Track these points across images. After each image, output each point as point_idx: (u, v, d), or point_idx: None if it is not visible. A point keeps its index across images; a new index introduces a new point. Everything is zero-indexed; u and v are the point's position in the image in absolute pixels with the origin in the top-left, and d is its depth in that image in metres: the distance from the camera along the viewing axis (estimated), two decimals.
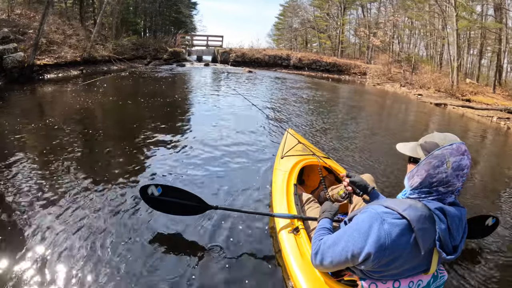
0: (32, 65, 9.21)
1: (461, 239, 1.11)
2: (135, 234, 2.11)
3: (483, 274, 2.02)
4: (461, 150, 1.07)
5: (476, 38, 16.97)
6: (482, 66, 18.35)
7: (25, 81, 8.55)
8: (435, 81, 14.49)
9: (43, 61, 9.93)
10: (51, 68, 10.10)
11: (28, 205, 2.39)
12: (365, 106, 9.62)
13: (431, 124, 7.99)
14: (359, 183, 1.59)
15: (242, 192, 2.81)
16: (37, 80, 9.06)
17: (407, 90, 14.62)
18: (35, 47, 9.36)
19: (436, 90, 13.79)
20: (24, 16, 11.63)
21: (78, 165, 3.20)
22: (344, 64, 19.85)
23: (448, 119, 9.10)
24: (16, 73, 8.66)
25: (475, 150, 5.48)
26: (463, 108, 10.61)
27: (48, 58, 10.33)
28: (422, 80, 15.25)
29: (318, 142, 4.65)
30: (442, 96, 12.83)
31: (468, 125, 8.25)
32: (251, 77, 13.57)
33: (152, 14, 22.90)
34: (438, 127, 7.55)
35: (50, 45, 10.87)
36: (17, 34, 10.04)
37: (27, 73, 8.96)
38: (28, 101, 6.58)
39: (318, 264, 1.27)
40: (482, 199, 3.31)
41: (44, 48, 10.49)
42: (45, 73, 9.77)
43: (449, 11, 14.95)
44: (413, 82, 15.57)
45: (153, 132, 4.45)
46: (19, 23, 10.73)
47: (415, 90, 14.40)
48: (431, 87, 14.19)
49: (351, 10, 27.32)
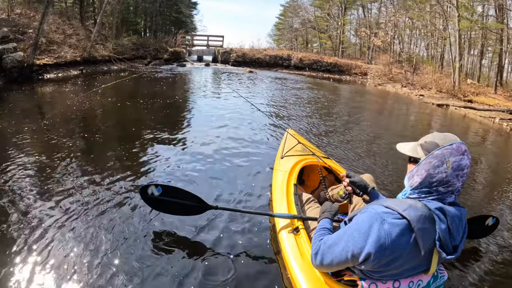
0: (32, 65, 9.16)
1: (461, 239, 1.11)
2: (135, 234, 2.10)
3: (483, 274, 2.01)
4: (461, 150, 1.07)
5: (476, 38, 16.90)
6: (483, 67, 18.30)
7: (25, 81, 8.50)
8: (436, 81, 14.42)
9: (42, 61, 9.88)
10: (50, 68, 10.05)
11: (27, 204, 2.38)
12: (367, 107, 9.56)
13: (433, 124, 7.93)
14: (359, 183, 1.58)
15: (242, 192, 2.80)
16: (36, 80, 9.01)
17: (408, 90, 14.55)
18: (35, 47, 9.31)
19: (438, 91, 13.72)
20: (24, 16, 11.58)
21: (78, 165, 3.19)
22: (345, 64, 19.79)
23: (450, 120, 9.04)
24: (16, 73, 8.60)
25: (477, 151, 5.43)
26: (465, 109, 10.55)
27: (47, 57, 10.27)
28: (424, 80, 15.18)
29: (320, 143, 4.60)
30: (444, 97, 12.76)
31: (470, 126, 8.18)
32: (252, 77, 13.52)
33: (152, 14, 22.86)
34: (440, 128, 7.50)
35: (50, 45, 10.81)
36: (17, 34, 9.99)
37: (27, 73, 8.91)
38: (27, 101, 6.52)
39: (318, 264, 1.26)
40: (482, 199, 3.28)
41: (44, 48, 10.44)
42: (44, 73, 9.72)
43: (451, 12, 14.89)
44: (415, 83, 15.50)
45: (153, 132, 4.43)
46: (19, 23, 10.67)
47: (416, 90, 14.33)
48: (432, 88, 14.12)
49: (352, 10, 27.30)
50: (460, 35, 13.62)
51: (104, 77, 10.90)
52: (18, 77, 8.61)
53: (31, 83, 8.43)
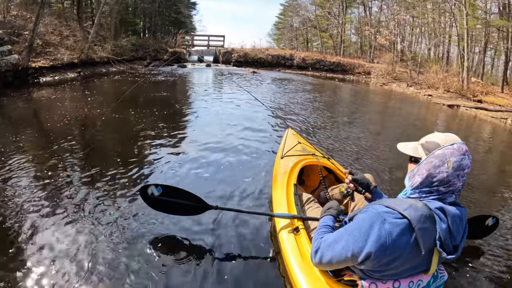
0: (27, 68, 8.79)
1: (462, 239, 1.11)
2: (135, 234, 2.09)
3: (483, 274, 1.99)
4: (462, 150, 1.07)
5: (478, 36, 16.55)
6: (486, 65, 17.99)
7: (20, 85, 8.14)
8: (444, 81, 14.06)
9: (38, 64, 9.48)
10: (47, 71, 9.64)
11: (26, 208, 2.36)
12: (376, 108, 9.26)
13: (445, 126, 7.60)
14: (362, 181, 1.57)
15: (242, 192, 2.79)
16: (32, 84, 8.63)
17: (415, 90, 14.22)
18: (30, 49, 8.93)
19: (446, 90, 13.38)
20: (20, 17, 11.18)
21: (77, 166, 3.19)
22: (348, 63, 19.48)
23: (461, 121, 8.74)
24: (11, 77, 8.23)
25: (488, 153, 5.27)
26: (476, 110, 10.23)
27: (44, 60, 9.89)
28: (430, 80, 14.84)
29: (333, 150, 4.26)
30: (453, 97, 12.42)
31: (482, 128, 7.90)
32: (256, 78, 13.15)
33: (151, 15, 22.53)
34: (453, 129, 7.19)
35: (46, 47, 10.42)
36: (12, 36, 9.62)
37: (22, 77, 8.54)
38: (22, 107, 6.18)
39: (318, 262, 1.25)
40: (482, 199, 3.23)
41: (40, 50, 10.06)
42: (40, 76, 9.31)
43: (458, 9, 14.52)
44: (421, 82, 15.17)
45: (153, 133, 4.42)
46: (14, 25, 10.29)
47: (423, 90, 13.99)
48: (440, 87, 13.78)
49: (352, 8, 27.03)
50: (468, 33, 13.27)
51: (103, 79, 10.54)
52: (14, 81, 8.25)
53: (27, 87, 8.08)
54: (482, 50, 16.70)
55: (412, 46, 21.45)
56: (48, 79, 9.38)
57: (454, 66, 17.14)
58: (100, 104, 6.43)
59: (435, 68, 16.75)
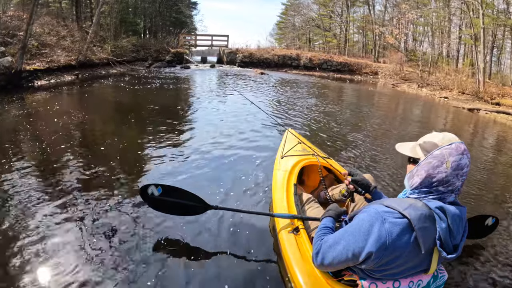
0: (20, 71, 8.23)
1: (462, 238, 1.10)
2: (135, 234, 2.08)
3: (483, 274, 1.97)
4: (460, 150, 1.05)
5: (487, 35, 15.93)
6: (494, 64, 17.41)
7: (13, 89, 7.58)
8: (458, 82, 13.46)
9: (33, 66, 8.90)
10: (42, 74, 9.05)
11: (25, 209, 2.32)
12: (395, 112, 8.72)
13: (481, 134, 7.03)
14: (361, 181, 1.56)
15: (242, 192, 2.77)
16: (26, 88, 8.07)
17: (429, 92, 13.64)
18: (23, 51, 8.35)
19: (460, 92, 12.80)
20: (16, 18, 10.61)
21: (77, 166, 3.16)
22: (355, 63, 18.94)
23: (494, 127, 8.11)
24: (4, 81, 7.67)
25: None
26: (497, 114, 9.64)
27: (39, 62, 9.31)
28: (443, 81, 14.26)
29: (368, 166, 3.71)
30: (469, 99, 11.85)
31: (507, 133, 7.28)
32: (265, 81, 12.51)
33: (152, 15, 22.01)
34: (480, 137, 6.63)
35: (41, 48, 9.85)
36: (6, 37, 9.07)
37: (15, 80, 7.97)
38: (15, 113, 5.61)
39: (320, 264, 1.24)
40: (482, 199, 3.16)
41: (35, 52, 9.50)
42: (35, 79, 8.73)
43: (475, 7, 13.92)
44: (432, 83, 14.59)
45: (153, 134, 4.39)
46: (9, 25, 9.74)
47: (437, 92, 13.42)
48: (454, 89, 13.20)
49: (356, 7, 26.53)
50: (485, 33, 12.69)
51: (102, 82, 9.97)
52: (7, 85, 7.68)
53: (21, 92, 7.52)
54: (490, 50, 16.14)
55: (422, 46, 20.85)
56: (44, 83, 8.79)
57: (465, 66, 16.55)
58: (98, 109, 6.05)
59: (446, 68, 16.18)
